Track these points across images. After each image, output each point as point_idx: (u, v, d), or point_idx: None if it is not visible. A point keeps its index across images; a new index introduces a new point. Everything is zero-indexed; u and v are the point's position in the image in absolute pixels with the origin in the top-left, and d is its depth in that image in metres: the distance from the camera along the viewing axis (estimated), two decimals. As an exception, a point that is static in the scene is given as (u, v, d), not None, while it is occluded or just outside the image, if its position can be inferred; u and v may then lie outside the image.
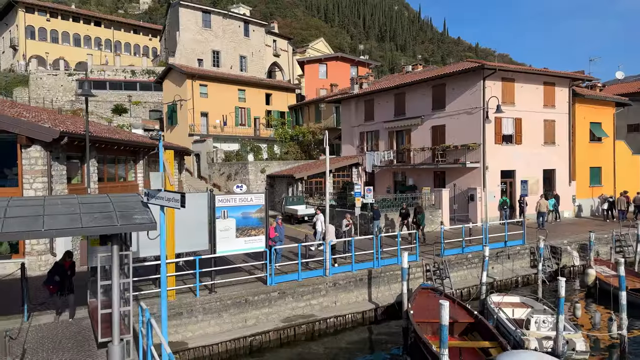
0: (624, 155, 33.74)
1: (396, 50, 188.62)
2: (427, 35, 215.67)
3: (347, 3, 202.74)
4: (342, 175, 32.23)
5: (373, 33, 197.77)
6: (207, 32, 53.83)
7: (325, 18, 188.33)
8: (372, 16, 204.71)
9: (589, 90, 33.60)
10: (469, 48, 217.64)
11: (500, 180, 27.73)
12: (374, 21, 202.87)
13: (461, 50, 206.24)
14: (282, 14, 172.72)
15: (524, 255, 21.00)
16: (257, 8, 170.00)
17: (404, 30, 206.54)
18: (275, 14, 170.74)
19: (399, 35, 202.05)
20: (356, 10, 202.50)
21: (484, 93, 26.70)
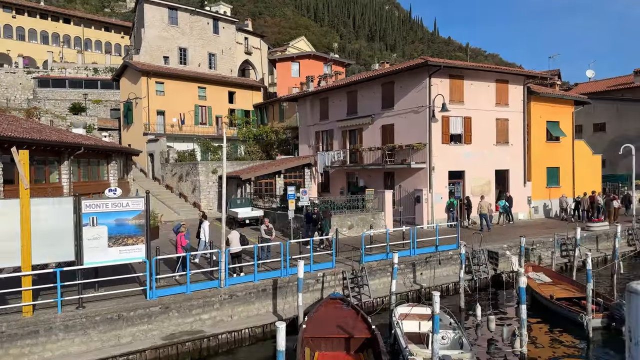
0: (583, 155, 32.63)
1: (386, 49, 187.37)
2: (417, 35, 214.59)
3: (337, 2, 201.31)
4: (295, 177, 30.97)
5: (363, 33, 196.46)
6: (173, 29, 52.28)
7: (315, 17, 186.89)
8: (362, 16, 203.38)
9: (547, 88, 32.46)
10: (459, 48, 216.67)
11: (448, 181, 26.53)
12: (364, 21, 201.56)
13: (451, 50, 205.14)
14: (271, 13, 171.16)
15: (457, 260, 19.79)
16: (245, 7, 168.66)
17: (394, 29, 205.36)
18: (264, 13, 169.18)
19: (389, 35, 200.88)
20: (346, 10, 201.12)
21: (430, 91, 25.48)
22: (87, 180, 24.48)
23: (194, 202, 32.65)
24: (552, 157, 30.71)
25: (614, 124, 38.55)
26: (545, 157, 30.31)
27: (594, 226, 24.69)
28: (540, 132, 30.13)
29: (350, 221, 23.26)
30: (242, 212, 26.03)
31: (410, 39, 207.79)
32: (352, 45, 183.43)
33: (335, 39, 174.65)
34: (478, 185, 27.48)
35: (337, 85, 31.34)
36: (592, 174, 33.06)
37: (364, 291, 16.44)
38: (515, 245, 21.64)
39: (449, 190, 26.74)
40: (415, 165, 25.68)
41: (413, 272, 18.45)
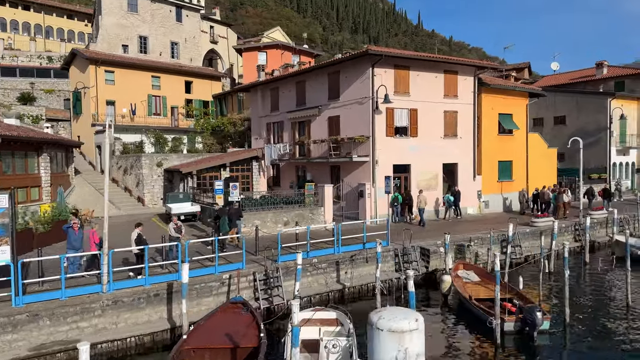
0: (538, 148, 31.83)
1: (369, 42, 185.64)
2: (400, 28, 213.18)
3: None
4: (242, 170, 29.70)
5: (347, 25, 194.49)
6: (133, 16, 50.45)
7: (297, 8, 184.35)
8: (346, 7, 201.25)
9: (501, 80, 31.57)
10: (442, 41, 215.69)
11: (393, 175, 25.50)
12: (347, 12, 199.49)
13: (434, 43, 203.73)
14: (253, 4, 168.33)
15: (386, 257, 18.78)
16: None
17: (378, 22, 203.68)
18: (246, 3, 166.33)
19: (372, 28, 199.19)
20: (329, 1, 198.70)
21: (373, 82, 24.32)
22: (10, 173, 23.01)
23: (138, 196, 31.27)
24: (505, 151, 29.84)
25: (574, 117, 37.85)
26: (497, 150, 29.42)
27: (538, 221, 23.86)
28: (492, 124, 29.21)
29: (286, 217, 22.14)
30: (176, 207, 24.74)
31: (393, 32, 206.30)
32: (335, 37, 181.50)
33: (317, 31, 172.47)
34: (424, 179, 26.50)
35: (285, 75, 30.07)
36: (548, 167, 32.31)
37: (277, 293, 15.36)
38: (451, 242, 20.68)
39: (394, 185, 25.73)
40: (358, 158, 24.59)
41: (337, 271, 17.39)
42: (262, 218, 21.39)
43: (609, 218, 26.94)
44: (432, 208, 26.81)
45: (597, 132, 36.38)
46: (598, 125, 36.32)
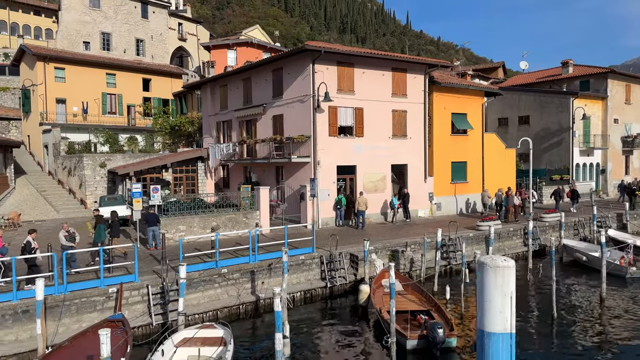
0: (495, 149, 30.77)
1: (357, 42, 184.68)
2: (389, 28, 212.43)
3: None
4: (187, 171, 28.37)
5: (334, 25, 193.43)
6: (95, 12, 48.89)
7: (285, 8, 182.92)
8: (334, 7, 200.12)
9: (454, 78, 30.48)
10: (430, 42, 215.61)
11: (336, 176, 24.32)
12: (335, 12, 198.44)
13: (423, 44, 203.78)
14: (240, 3, 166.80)
15: (311, 265, 17.60)
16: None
17: (366, 22, 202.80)
18: (233, 2, 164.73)
19: (360, 28, 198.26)
20: (318, 1, 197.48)
21: (314, 78, 23.12)
22: None
23: (80, 198, 29.86)
24: (459, 151, 28.75)
25: (538, 117, 36.87)
26: (450, 151, 28.33)
27: (483, 225, 22.79)
28: (444, 124, 28.10)
29: (215, 221, 20.87)
30: (106, 211, 23.32)
31: (381, 32, 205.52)
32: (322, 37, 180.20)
33: (305, 30, 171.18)
34: (371, 181, 25.34)
35: (232, 72, 28.77)
36: (506, 168, 31.29)
37: (174, 307, 14.10)
38: (385, 247, 19.59)
39: (338, 187, 24.57)
40: (297, 159, 23.38)
41: (252, 281, 16.16)
42: (188, 223, 20.08)
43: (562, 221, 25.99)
44: (378, 211, 25.70)
45: (560, 133, 35.44)
46: (561, 126, 35.37)
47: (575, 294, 17.85)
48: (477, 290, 6.21)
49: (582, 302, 16.80)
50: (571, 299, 17.14)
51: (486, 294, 5.81)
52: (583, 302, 16.88)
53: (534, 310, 16.14)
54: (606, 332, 14.07)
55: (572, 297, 17.49)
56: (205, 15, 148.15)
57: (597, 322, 14.92)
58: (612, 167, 37.55)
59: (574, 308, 16.17)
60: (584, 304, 16.64)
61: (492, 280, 5.82)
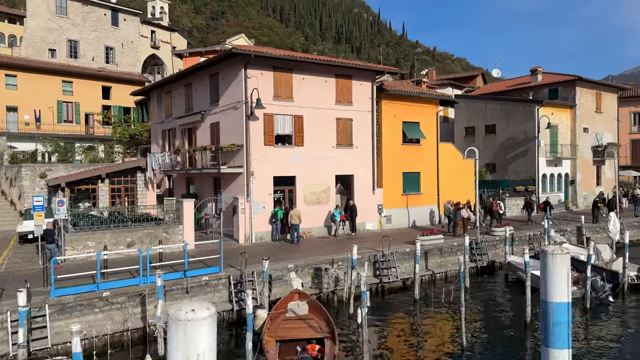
0: (452, 159, 29.33)
1: (351, 52, 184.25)
2: (384, 38, 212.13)
3: (304, 4, 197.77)
4: (126, 182, 26.96)
5: (330, 34, 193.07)
6: (62, 19, 47.76)
7: (280, 18, 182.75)
8: (329, 17, 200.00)
9: (406, 85, 29.14)
10: (426, 51, 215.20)
11: (273, 188, 22.89)
12: (331, 23, 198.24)
13: (418, 54, 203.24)
14: (234, 13, 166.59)
15: (217, 286, 16.10)
16: (207, 6, 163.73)
17: (361, 32, 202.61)
18: (227, 12, 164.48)
19: (355, 38, 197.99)
20: (313, 11, 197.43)
21: (246, 84, 21.77)
22: None
23: (20, 210, 28.43)
24: (411, 161, 27.32)
25: (504, 126, 35.49)
26: (401, 161, 26.91)
27: (424, 239, 21.30)
28: (395, 133, 26.70)
29: (130, 237, 19.39)
30: (27, 224, 21.94)
31: (377, 42, 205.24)
32: (317, 47, 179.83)
33: (299, 40, 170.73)
34: (313, 193, 23.89)
35: (174, 77, 27.41)
36: (464, 179, 29.80)
37: (41, 335, 12.61)
38: (307, 265, 18.09)
39: (275, 199, 23.12)
40: (228, 169, 21.97)
41: (142, 305, 14.66)
42: (98, 239, 18.58)
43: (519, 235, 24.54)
44: (322, 224, 24.23)
45: (526, 142, 34.01)
46: (526, 135, 33.94)
47: (500, 319, 16.27)
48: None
49: (503, 329, 15.25)
50: (491, 326, 15.58)
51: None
52: (504, 328, 15.32)
53: (445, 339, 14.61)
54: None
55: (494, 323, 15.93)
56: (199, 25, 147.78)
57: (512, 355, 13.38)
58: (581, 177, 36.07)
59: (492, 335, 14.64)
60: (503, 332, 15.08)
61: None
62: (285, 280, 16.92)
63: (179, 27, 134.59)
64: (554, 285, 7.12)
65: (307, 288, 17.44)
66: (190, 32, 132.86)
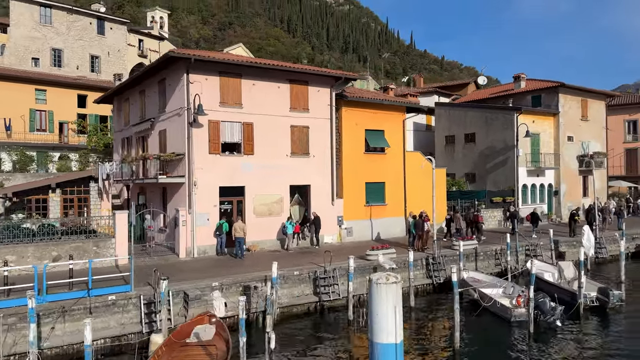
0: (420, 169, 27.73)
1: (358, 61, 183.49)
2: (392, 48, 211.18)
3: (312, 14, 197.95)
4: (79, 192, 25.88)
5: (337, 44, 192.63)
6: (46, 28, 47.37)
7: (287, 28, 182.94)
8: (337, 27, 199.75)
9: (370, 92, 27.76)
10: (434, 61, 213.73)
11: (219, 198, 21.58)
12: (338, 32, 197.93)
13: (426, 63, 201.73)
14: (242, 23, 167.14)
15: (126, 306, 14.77)
16: (215, 17, 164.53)
17: (369, 42, 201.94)
18: (235, 23, 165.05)
19: (362, 47, 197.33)
20: (321, 21, 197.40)
21: (188, 90, 20.58)
22: None
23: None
24: (375, 171, 25.85)
25: (483, 135, 33.87)
26: (364, 170, 25.45)
27: (372, 255, 19.81)
28: (357, 142, 25.26)
29: (56, 251, 18.20)
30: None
31: (384, 51, 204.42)
32: (323, 57, 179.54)
33: (305, 50, 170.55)
34: (264, 204, 22.53)
35: (127, 83, 26.29)
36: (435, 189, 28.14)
37: None
38: (236, 282, 16.69)
39: (222, 210, 21.80)
40: (168, 179, 20.75)
41: (38, 327, 13.38)
42: (20, 252, 17.43)
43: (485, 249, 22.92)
44: (274, 237, 22.84)
45: (505, 151, 32.34)
46: (506, 144, 32.28)
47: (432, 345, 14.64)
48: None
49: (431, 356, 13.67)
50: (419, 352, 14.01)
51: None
52: (432, 356, 13.74)
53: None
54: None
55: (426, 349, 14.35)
56: (206, 35, 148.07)
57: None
58: (566, 188, 34.22)
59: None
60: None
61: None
62: (206, 300, 15.54)
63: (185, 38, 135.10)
64: (378, 321, 5.62)
65: (233, 308, 16.06)
66: (197, 42, 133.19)
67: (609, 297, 16.57)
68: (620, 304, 17.09)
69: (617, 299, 16.87)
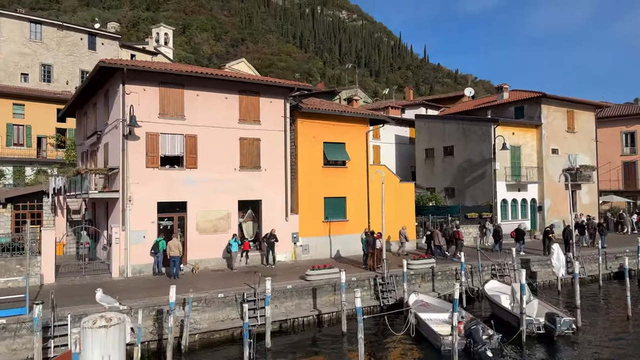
0: (386, 183, 26.15)
1: (370, 75, 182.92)
2: (404, 62, 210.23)
3: (324, 30, 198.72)
4: (32, 207, 25.00)
5: (349, 59, 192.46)
6: (36, 44, 47.50)
7: (300, 44, 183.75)
8: (349, 42, 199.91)
9: (327, 104, 26.46)
10: (447, 74, 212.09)
11: (157, 215, 20.39)
12: (350, 47, 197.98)
13: (440, 77, 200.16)
14: (254, 40, 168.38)
15: (19, 331, 13.59)
16: (228, 34, 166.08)
17: (381, 56, 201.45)
18: (247, 39, 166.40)
19: (375, 62, 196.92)
20: (333, 37, 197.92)
21: (124, 101, 19.59)
22: None
23: None
24: (335, 185, 24.44)
25: (461, 147, 32.20)
26: (322, 185, 24.05)
27: (311, 275, 18.32)
28: (315, 155, 23.91)
29: (-25, 268, 17.24)
30: None
31: (397, 66, 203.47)
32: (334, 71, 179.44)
33: (317, 65, 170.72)
34: (209, 220, 21.27)
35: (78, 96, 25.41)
36: (401, 205, 26.60)
37: None
38: (149, 305, 15.38)
39: (163, 227, 20.60)
40: (100, 195, 19.73)
41: None
42: None
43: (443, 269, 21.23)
44: (220, 255, 21.52)
45: (484, 164, 30.62)
46: (483, 157, 30.59)
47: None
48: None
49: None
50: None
51: None
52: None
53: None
54: None
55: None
56: (219, 52, 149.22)
57: None
58: (551, 203, 32.21)
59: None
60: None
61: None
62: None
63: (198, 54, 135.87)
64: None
65: (146, 334, 14.78)
66: (209, 58, 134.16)
67: (555, 324, 14.77)
68: (571, 332, 15.26)
69: (567, 326, 15.06)
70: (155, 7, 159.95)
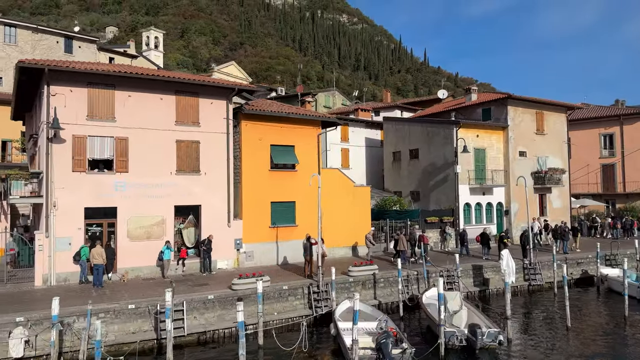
0: (340, 187, 25.15)
1: (369, 79, 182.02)
2: (404, 65, 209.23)
3: (323, 34, 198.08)
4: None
5: (349, 62, 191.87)
6: (10, 47, 46.79)
7: (299, 48, 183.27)
8: (349, 46, 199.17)
9: (279, 105, 25.40)
10: (447, 77, 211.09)
11: (85, 221, 19.39)
12: (350, 51, 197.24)
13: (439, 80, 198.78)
14: (253, 43, 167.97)
15: None
16: (227, 37, 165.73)
17: (381, 59, 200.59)
18: (246, 42, 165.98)
19: (374, 65, 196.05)
20: (333, 40, 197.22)
21: (48, 102, 18.67)
22: None
23: None
24: (283, 190, 23.38)
25: (426, 150, 31.07)
26: (269, 189, 23.01)
27: (238, 284, 17.27)
28: (261, 158, 22.86)
29: None
30: None
31: (396, 69, 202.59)
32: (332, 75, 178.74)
33: (315, 69, 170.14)
34: (142, 226, 20.22)
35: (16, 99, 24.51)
36: (356, 210, 25.53)
37: None
38: (49, 317, 14.37)
39: (90, 234, 19.61)
40: (22, 201, 18.81)
41: None
42: None
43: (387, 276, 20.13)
44: (153, 263, 20.47)
45: (446, 168, 29.48)
46: (445, 160, 29.45)
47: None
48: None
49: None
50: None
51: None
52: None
53: None
54: None
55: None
56: (217, 55, 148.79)
57: None
58: (518, 207, 30.97)
59: None
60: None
61: None
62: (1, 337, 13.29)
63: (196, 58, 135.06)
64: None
65: (42, 348, 13.78)
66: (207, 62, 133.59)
67: (476, 336, 13.63)
68: (495, 345, 14.10)
69: (491, 338, 13.91)
70: (155, 12, 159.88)
